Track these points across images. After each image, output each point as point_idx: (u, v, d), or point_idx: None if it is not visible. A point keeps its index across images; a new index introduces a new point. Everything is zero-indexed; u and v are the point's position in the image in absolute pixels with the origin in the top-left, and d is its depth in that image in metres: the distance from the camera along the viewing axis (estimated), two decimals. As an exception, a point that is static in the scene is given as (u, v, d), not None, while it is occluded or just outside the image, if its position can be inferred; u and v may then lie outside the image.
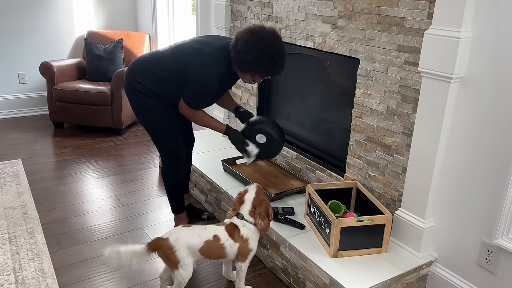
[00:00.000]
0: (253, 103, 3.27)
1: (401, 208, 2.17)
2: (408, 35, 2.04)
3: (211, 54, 2.21)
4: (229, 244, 2.00)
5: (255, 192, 2.09)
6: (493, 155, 1.81)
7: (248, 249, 2.04)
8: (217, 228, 2.03)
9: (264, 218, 2.05)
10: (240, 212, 2.06)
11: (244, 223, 2.04)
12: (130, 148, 3.98)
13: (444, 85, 1.87)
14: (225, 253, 2.01)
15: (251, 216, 2.05)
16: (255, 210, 2.06)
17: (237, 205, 2.10)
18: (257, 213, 2.05)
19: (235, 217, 2.07)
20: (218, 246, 1.98)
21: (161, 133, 2.40)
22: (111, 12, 4.96)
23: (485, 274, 1.92)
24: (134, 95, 2.33)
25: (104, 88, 4.09)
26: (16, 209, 2.82)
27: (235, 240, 2.01)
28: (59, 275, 2.25)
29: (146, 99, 2.30)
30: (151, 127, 2.40)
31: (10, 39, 4.45)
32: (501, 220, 1.80)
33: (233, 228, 2.03)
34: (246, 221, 2.05)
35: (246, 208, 2.06)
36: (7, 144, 3.93)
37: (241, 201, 2.09)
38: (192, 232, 1.98)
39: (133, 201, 3.03)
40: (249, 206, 2.06)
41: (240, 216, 2.06)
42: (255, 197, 2.08)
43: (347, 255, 2.08)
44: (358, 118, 2.39)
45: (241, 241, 2.02)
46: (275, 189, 2.66)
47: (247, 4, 3.12)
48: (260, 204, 2.07)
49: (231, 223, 2.06)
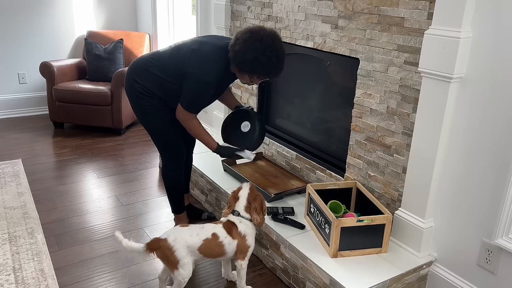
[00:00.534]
0: (253, 103, 3.27)
1: (401, 208, 2.17)
2: (408, 35, 2.04)
3: (209, 55, 2.20)
4: (227, 241, 2.01)
5: (249, 188, 2.12)
6: (493, 155, 1.81)
7: (247, 246, 2.05)
8: (215, 226, 2.04)
9: (259, 213, 2.08)
10: (236, 209, 2.08)
11: (240, 219, 2.06)
12: (130, 148, 3.98)
13: (444, 85, 1.87)
14: (224, 251, 2.01)
15: (247, 212, 2.08)
16: (250, 205, 2.08)
17: (232, 203, 2.12)
18: (253, 208, 2.07)
19: (231, 215, 2.08)
20: (217, 244, 1.99)
21: (161, 134, 2.40)
22: (111, 12, 4.96)
23: (485, 274, 1.91)
24: (134, 95, 2.32)
25: (104, 88, 4.09)
26: (16, 209, 2.82)
27: (233, 237, 2.02)
28: (59, 275, 2.25)
29: (146, 99, 2.30)
30: (151, 127, 2.40)
31: (10, 39, 4.45)
32: (501, 220, 1.80)
33: (231, 225, 2.05)
34: (242, 217, 2.07)
35: (241, 204, 2.09)
36: (7, 144, 3.93)
37: (236, 198, 2.11)
38: (190, 232, 1.98)
39: (133, 201, 3.03)
40: (244, 202, 2.09)
41: (236, 213, 2.08)
42: (249, 193, 2.10)
43: (347, 255, 2.08)
44: (358, 118, 2.39)
45: (239, 238, 2.03)
46: (275, 189, 2.66)
47: (247, 4, 3.12)
48: (254, 199, 2.09)
49: (228, 220, 2.07)
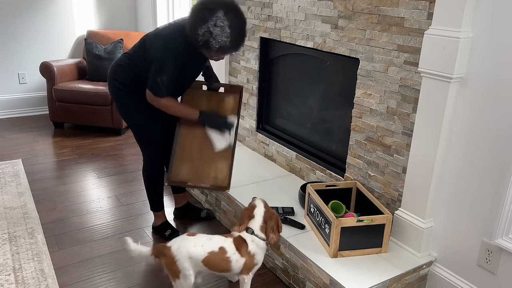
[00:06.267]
0: (253, 103, 3.27)
1: (401, 208, 2.17)
2: (408, 35, 2.04)
3: (168, 36, 2.13)
4: (235, 258, 1.92)
5: (263, 206, 2.04)
6: (493, 155, 1.81)
7: (254, 263, 1.98)
8: (224, 240, 1.94)
9: (275, 232, 2.00)
10: (250, 227, 1.98)
11: (253, 238, 1.96)
12: (130, 148, 3.98)
13: (444, 85, 1.87)
14: (230, 267, 1.93)
15: (262, 231, 1.99)
16: (266, 225, 1.99)
17: (246, 220, 2.00)
18: (269, 227, 1.99)
19: (245, 232, 1.98)
20: (224, 259, 1.90)
21: (142, 130, 2.38)
22: (111, 12, 4.96)
23: (485, 274, 1.91)
24: (114, 92, 2.32)
25: (104, 88, 4.09)
26: (16, 209, 2.82)
27: (242, 255, 1.93)
28: (59, 275, 2.25)
29: (122, 94, 2.29)
30: (130, 122, 2.39)
31: (10, 39, 4.45)
32: (501, 220, 1.80)
33: (241, 242, 1.95)
34: (256, 236, 1.97)
35: (257, 223, 1.99)
36: (7, 144, 3.93)
37: (251, 216, 2.00)
38: (195, 242, 1.90)
39: (133, 201, 3.03)
40: (260, 221, 1.99)
41: (250, 230, 1.97)
42: (265, 211, 2.02)
43: (347, 255, 2.08)
44: (358, 118, 2.39)
45: (247, 256, 1.95)
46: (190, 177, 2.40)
47: (247, 4, 3.12)
48: (270, 217, 2.01)
49: (239, 236, 1.97)
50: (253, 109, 3.29)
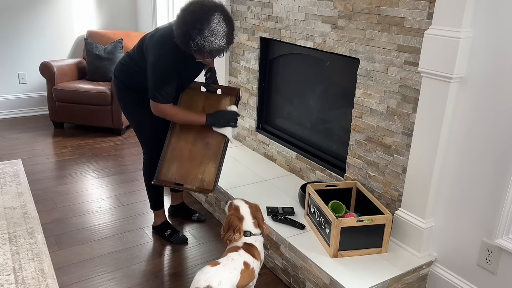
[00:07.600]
0: (253, 103, 3.27)
1: (401, 208, 2.17)
2: (408, 35, 2.04)
3: (160, 38, 2.11)
4: (256, 265, 1.90)
5: (245, 203, 2.02)
6: (493, 155, 1.81)
7: (261, 261, 1.98)
8: (240, 255, 1.88)
9: (264, 222, 2.01)
10: (246, 229, 1.96)
11: (256, 239, 1.96)
12: (130, 148, 3.98)
13: (444, 85, 1.87)
14: (254, 275, 1.91)
15: (256, 227, 1.98)
16: (256, 219, 1.99)
17: (238, 225, 1.95)
18: (260, 219, 1.99)
19: (244, 237, 1.95)
20: (251, 271, 1.87)
21: (143, 129, 2.42)
22: (111, 12, 4.96)
23: (485, 274, 1.91)
24: (116, 90, 2.38)
25: (104, 88, 4.09)
26: (16, 209, 2.82)
27: (257, 258, 1.92)
28: (59, 275, 2.25)
29: (125, 93, 2.33)
30: (131, 118, 2.43)
31: (10, 39, 4.45)
32: (501, 220, 1.80)
33: (250, 247, 1.92)
34: (255, 235, 1.96)
35: (249, 222, 1.97)
36: (7, 144, 3.93)
37: (240, 218, 1.96)
38: (228, 268, 1.80)
39: (133, 201, 3.03)
40: (251, 219, 1.98)
41: (248, 233, 1.95)
42: (249, 207, 2.00)
43: (347, 255, 2.08)
44: (358, 118, 2.39)
45: (259, 257, 1.94)
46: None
47: (247, 4, 3.12)
48: (256, 210, 2.01)
49: (244, 243, 1.93)
50: (253, 109, 3.29)
